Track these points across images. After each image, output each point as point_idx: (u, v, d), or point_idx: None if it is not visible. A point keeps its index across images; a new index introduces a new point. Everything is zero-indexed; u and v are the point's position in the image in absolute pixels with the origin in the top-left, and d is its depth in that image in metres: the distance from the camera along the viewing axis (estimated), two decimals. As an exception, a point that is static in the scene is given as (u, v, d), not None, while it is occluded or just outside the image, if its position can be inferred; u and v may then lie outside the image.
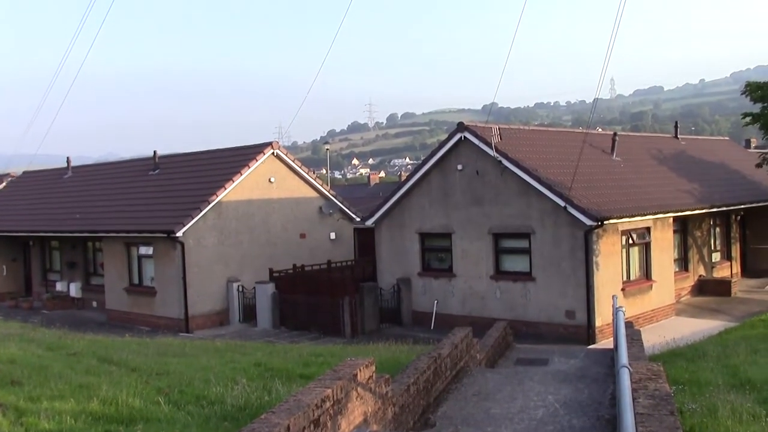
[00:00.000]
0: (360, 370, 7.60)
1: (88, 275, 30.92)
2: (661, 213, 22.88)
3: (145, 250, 26.02)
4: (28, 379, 10.08)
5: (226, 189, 25.75)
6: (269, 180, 27.58)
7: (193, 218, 24.59)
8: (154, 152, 31.39)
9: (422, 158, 28.44)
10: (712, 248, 28.63)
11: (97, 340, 16.78)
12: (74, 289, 30.39)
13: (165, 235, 24.45)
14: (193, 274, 24.70)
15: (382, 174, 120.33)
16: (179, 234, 24.16)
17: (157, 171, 30.38)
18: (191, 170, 28.88)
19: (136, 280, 26.70)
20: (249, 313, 25.37)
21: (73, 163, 36.68)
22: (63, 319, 26.18)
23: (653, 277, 22.69)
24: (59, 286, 31.07)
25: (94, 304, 29.61)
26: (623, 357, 6.53)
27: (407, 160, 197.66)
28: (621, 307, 11.16)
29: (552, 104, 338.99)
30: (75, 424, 7.59)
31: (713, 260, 28.55)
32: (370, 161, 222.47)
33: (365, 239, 29.40)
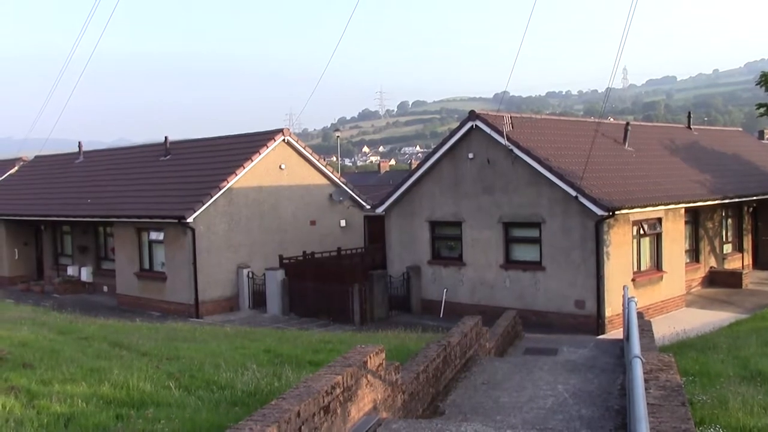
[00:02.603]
0: (370, 357, 7.60)
1: (99, 260, 31.09)
2: (672, 204, 22.75)
3: (155, 235, 26.12)
4: (40, 363, 10.14)
5: (236, 175, 25.78)
6: (280, 167, 27.58)
7: (203, 204, 24.65)
8: (165, 138, 31.43)
9: (433, 146, 28.40)
10: (724, 240, 28.48)
11: (107, 325, 16.87)
12: (85, 274, 30.56)
13: (176, 221, 24.52)
14: (204, 259, 24.78)
15: (393, 162, 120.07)
16: (190, 220, 24.23)
17: (168, 157, 30.44)
18: (202, 156, 28.92)
19: (146, 266, 26.82)
20: (258, 300, 25.44)
21: (84, 148, 36.79)
22: (74, 303, 26.34)
23: (664, 268, 22.60)
24: (70, 271, 31.25)
25: (105, 288, 29.78)
26: (635, 347, 6.50)
27: (417, 148, 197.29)
28: (633, 297, 11.10)
29: (564, 93, 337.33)
30: (86, 407, 7.63)
31: (724, 252, 28.42)
32: (381, 149, 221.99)
33: (375, 227, 29.39)
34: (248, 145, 27.66)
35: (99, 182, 31.70)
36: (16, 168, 39.13)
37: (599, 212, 19.65)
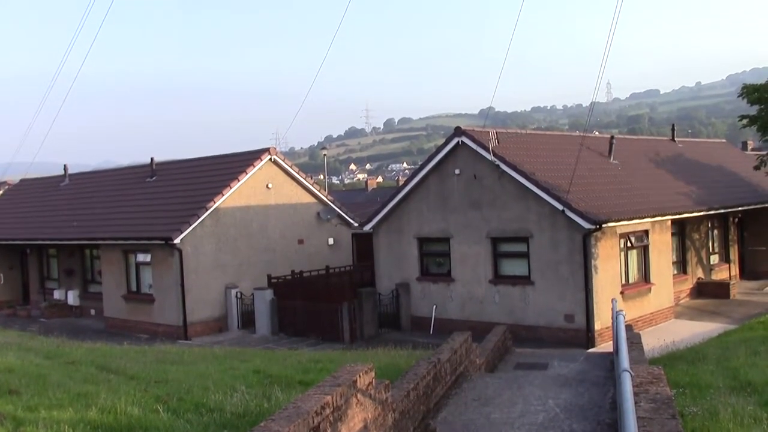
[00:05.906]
0: (359, 376, 7.56)
1: (86, 283, 30.84)
2: (659, 216, 22.88)
3: (142, 257, 25.96)
4: (26, 388, 10.02)
5: (223, 195, 25.71)
6: (267, 186, 27.54)
7: (190, 225, 24.55)
8: (151, 159, 31.35)
9: (420, 163, 28.48)
10: (711, 250, 28.63)
11: (95, 348, 16.72)
12: (72, 297, 30.30)
13: (163, 242, 24.40)
14: (191, 280, 24.65)
15: (380, 179, 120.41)
16: (177, 241, 24.11)
17: (154, 178, 30.34)
18: (188, 177, 28.85)
19: (134, 288, 26.63)
20: (247, 320, 25.30)
21: (70, 171, 36.61)
22: (61, 327, 26.10)
23: (652, 280, 22.68)
24: (57, 294, 30.98)
25: (92, 311, 29.52)
26: (624, 361, 6.51)
27: (404, 165, 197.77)
28: (621, 310, 11.14)
29: (549, 108, 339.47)
30: (73, 433, 7.54)
31: (711, 263, 28.55)
32: (368, 166, 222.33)
33: (363, 244, 29.35)
34: (235, 164, 27.62)
35: (85, 205, 31.52)
36: (0, 192, 38.88)
37: (586, 225, 19.72)
